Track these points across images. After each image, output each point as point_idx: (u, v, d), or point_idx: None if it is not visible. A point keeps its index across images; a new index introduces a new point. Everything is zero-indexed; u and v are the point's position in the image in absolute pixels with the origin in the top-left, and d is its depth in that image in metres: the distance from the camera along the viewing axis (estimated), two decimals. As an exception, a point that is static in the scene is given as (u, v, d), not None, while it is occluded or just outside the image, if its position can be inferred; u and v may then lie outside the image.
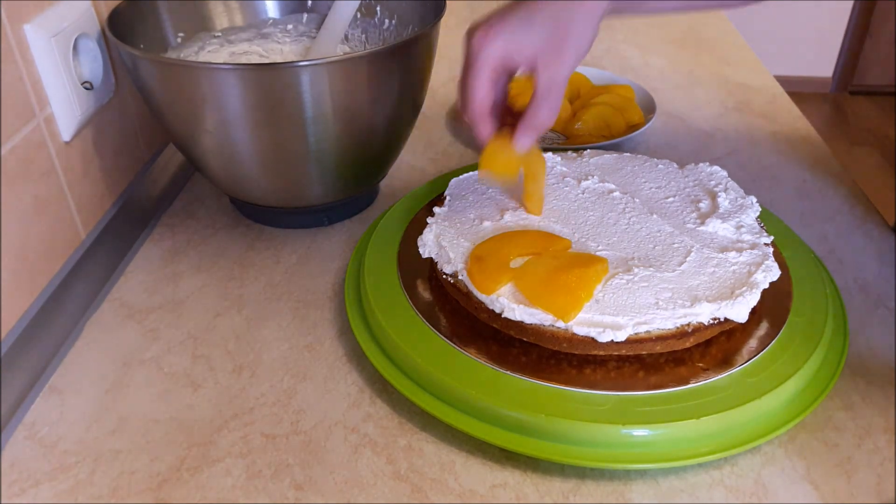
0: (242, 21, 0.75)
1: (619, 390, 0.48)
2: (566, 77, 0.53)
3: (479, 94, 0.52)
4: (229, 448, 0.49)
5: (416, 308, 0.54)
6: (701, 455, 0.46)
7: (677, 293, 0.50)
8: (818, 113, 2.92)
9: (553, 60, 0.51)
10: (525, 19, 0.51)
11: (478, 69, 0.52)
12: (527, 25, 0.51)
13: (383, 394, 0.53)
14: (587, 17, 0.51)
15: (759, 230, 0.56)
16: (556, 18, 0.51)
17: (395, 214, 0.65)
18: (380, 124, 0.63)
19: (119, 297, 0.62)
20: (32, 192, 0.54)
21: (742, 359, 0.50)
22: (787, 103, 0.92)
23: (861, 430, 0.50)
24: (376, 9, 0.75)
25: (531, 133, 0.54)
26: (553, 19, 0.51)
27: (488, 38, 0.51)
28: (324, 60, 0.56)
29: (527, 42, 0.51)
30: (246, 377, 0.54)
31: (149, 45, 0.67)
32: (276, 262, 0.66)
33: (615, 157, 0.66)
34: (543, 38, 0.51)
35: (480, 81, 0.52)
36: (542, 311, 0.49)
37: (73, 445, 0.49)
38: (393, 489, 0.46)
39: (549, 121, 0.53)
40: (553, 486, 0.46)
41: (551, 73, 0.52)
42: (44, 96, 0.56)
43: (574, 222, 0.57)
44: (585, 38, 0.52)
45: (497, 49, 0.51)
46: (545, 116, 0.53)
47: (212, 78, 0.56)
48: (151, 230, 0.70)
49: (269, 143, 0.60)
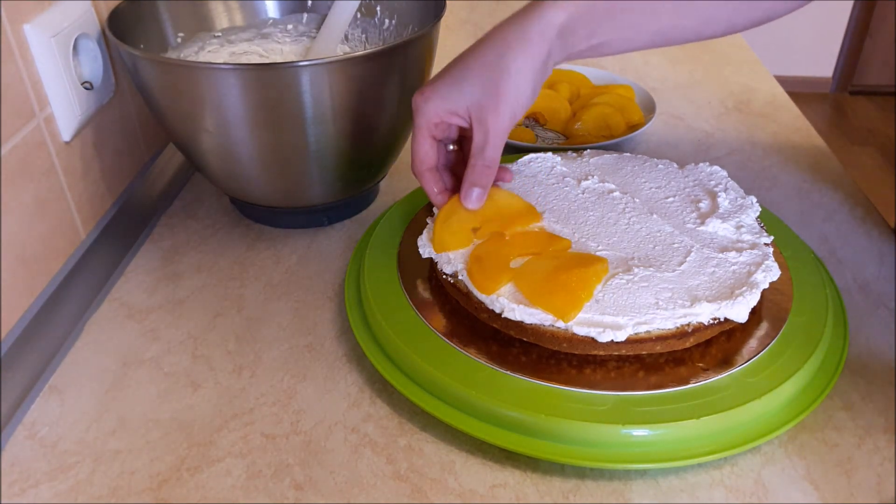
0: (242, 21, 0.75)
1: (619, 390, 0.48)
2: (503, 131, 0.53)
3: (420, 152, 0.55)
4: (229, 448, 0.49)
5: (416, 308, 0.54)
6: (701, 455, 0.46)
7: (677, 293, 0.50)
8: (818, 113, 2.92)
9: (487, 115, 0.52)
10: (458, 79, 0.52)
11: (416, 130, 0.54)
12: (459, 85, 0.52)
13: (383, 394, 0.53)
14: (521, 70, 0.51)
15: (759, 230, 0.56)
16: (487, 76, 0.51)
17: (395, 214, 0.65)
18: (380, 124, 0.64)
19: (119, 297, 0.62)
20: (32, 192, 0.54)
21: (742, 359, 0.50)
22: (787, 103, 0.92)
23: (861, 430, 0.50)
24: (376, 9, 0.75)
25: (473, 188, 0.55)
26: (484, 77, 0.52)
27: (424, 100, 0.53)
28: (324, 60, 0.56)
29: (460, 101, 0.52)
30: (246, 377, 0.54)
31: (149, 45, 0.67)
32: (276, 262, 0.66)
33: (615, 157, 0.66)
34: (476, 96, 0.52)
35: (420, 141, 0.55)
36: (542, 311, 0.49)
37: (73, 445, 0.49)
38: (393, 489, 0.46)
39: (488, 175, 0.54)
40: (553, 486, 0.46)
41: (486, 127, 0.52)
42: (44, 96, 0.56)
43: (574, 222, 0.57)
44: (522, 91, 0.52)
45: (432, 110, 0.53)
46: (482, 171, 0.54)
47: (212, 78, 0.56)
48: (151, 230, 0.70)
49: (269, 143, 0.60)
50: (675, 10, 0.53)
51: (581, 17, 0.52)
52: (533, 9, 0.52)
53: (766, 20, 0.56)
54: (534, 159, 0.65)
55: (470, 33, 1.14)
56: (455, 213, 0.56)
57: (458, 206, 0.56)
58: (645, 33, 0.54)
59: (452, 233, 0.55)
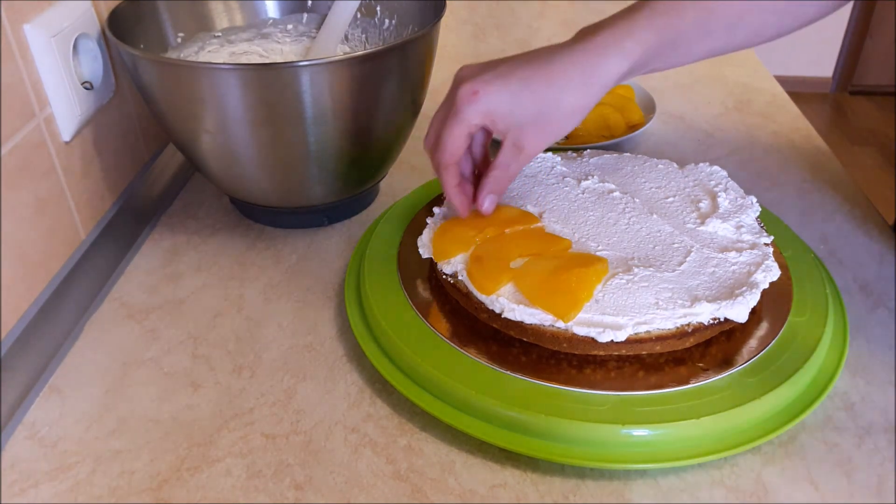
0: (242, 21, 0.75)
1: (619, 390, 0.48)
2: (533, 156, 0.54)
3: (454, 145, 0.53)
4: (229, 448, 0.49)
5: (416, 308, 0.54)
6: (701, 455, 0.46)
7: (677, 293, 0.50)
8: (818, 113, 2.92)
9: (525, 140, 0.52)
10: (516, 92, 0.51)
11: (457, 123, 0.52)
12: (516, 99, 0.51)
13: (383, 394, 0.53)
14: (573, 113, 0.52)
15: (759, 230, 0.56)
16: (541, 106, 0.51)
17: (395, 214, 0.65)
18: (380, 124, 0.64)
19: (119, 297, 0.62)
20: (32, 192, 0.54)
21: (742, 359, 0.50)
22: (787, 103, 0.92)
23: (861, 430, 0.50)
24: (376, 9, 0.75)
25: (490, 195, 0.55)
26: (538, 106, 0.51)
27: (474, 97, 0.51)
28: (324, 60, 0.56)
29: (510, 116, 0.51)
30: (246, 377, 0.54)
31: (149, 45, 0.67)
32: (276, 262, 0.66)
33: (615, 157, 0.66)
34: (523, 119, 0.51)
35: (457, 134, 0.52)
36: (542, 311, 0.49)
37: (73, 445, 0.49)
38: (393, 489, 0.46)
39: (506, 185, 0.55)
40: (553, 486, 0.46)
41: (520, 149, 0.53)
42: (44, 96, 0.56)
43: (574, 222, 0.57)
44: (565, 129, 0.52)
45: (480, 112, 0.51)
46: (502, 181, 0.54)
47: (212, 78, 0.56)
48: (151, 230, 0.70)
49: (269, 143, 0.60)
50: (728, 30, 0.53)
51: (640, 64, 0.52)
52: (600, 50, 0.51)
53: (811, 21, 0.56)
54: (534, 159, 0.65)
55: (470, 33, 1.14)
56: (453, 227, 0.56)
57: (456, 221, 0.56)
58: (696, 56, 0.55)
59: (451, 241, 0.55)
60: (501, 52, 1.04)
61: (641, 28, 0.51)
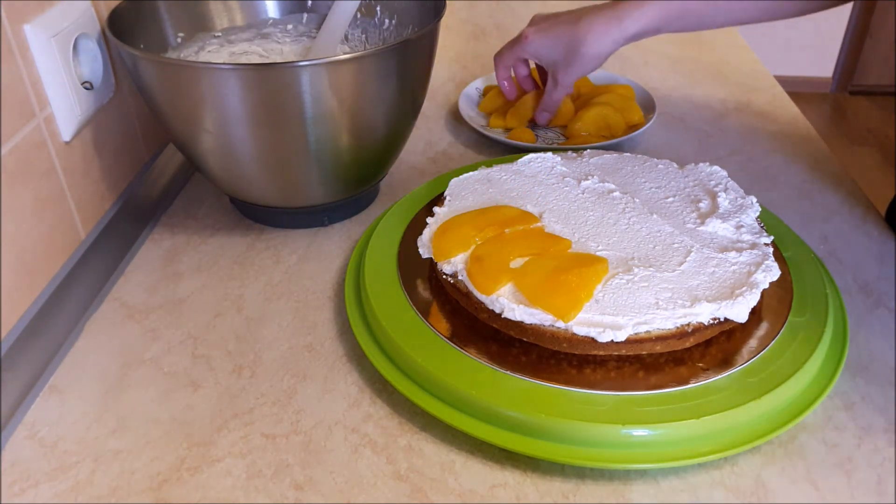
0: (242, 21, 0.75)
1: (619, 390, 0.48)
2: (569, 85, 0.78)
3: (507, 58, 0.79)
4: (229, 448, 0.49)
5: (416, 308, 0.54)
6: (701, 455, 0.46)
7: (677, 293, 0.50)
8: (818, 113, 2.92)
9: (559, 72, 0.76)
10: (552, 38, 0.74)
11: (513, 48, 0.78)
12: (552, 42, 0.74)
13: (383, 394, 0.53)
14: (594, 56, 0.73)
15: (759, 230, 0.56)
16: (569, 48, 0.73)
17: (395, 214, 0.65)
18: (380, 124, 0.64)
19: (119, 297, 0.62)
20: (32, 192, 0.54)
21: (742, 359, 0.50)
22: (787, 103, 0.92)
23: (861, 430, 0.50)
24: (376, 9, 0.75)
25: (544, 112, 0.81)
26: (567, 47, 0.73)
27: (527, 41, 0.76)
28: (324, 60, 0.56)
29: (547, 54, 0.76)
30: (246, 377, 0.54)
31: (149, 45, 0.67)
32: (276, 262, 0.66)
33: (615, 157, 0.66)
34: (556, 57, 0.75)
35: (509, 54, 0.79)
36: (542, 311, 0.49)
37: (73, 445, 0.49)
38: (393, 489, 0.46)
39: (555, 105, 0.80)
40: (553, 486, 0.46)
41: (556, 80, 0.77)
42: (44, 96, 0.56)
43: (574, 222, 0.57)
44: (589, 66, 0.74)
45: (527, 51, 0.77)
46: (552, 102, 0.80)
47: (212, 78, 0.56)
48: (151, 230, 0.70)
49: (269, 143, 0.60)
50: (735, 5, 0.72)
51: (652, 27, 0.71)
52: (622, 11, 0.71)
53: None
54: (534, 159, 0.65)
55: (470, 33, 1.14)
56: (452, 227, 0.56)
57: (456, 221, 0.57)
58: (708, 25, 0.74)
59: (451, 241, 0.55)
60: (501, 52, 1.05)
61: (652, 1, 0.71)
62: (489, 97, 0.87)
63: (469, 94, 0.89)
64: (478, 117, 0.86)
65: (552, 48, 0.74)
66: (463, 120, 0.85)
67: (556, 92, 0.77)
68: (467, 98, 0.89)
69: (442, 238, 0.56)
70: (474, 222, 0.56)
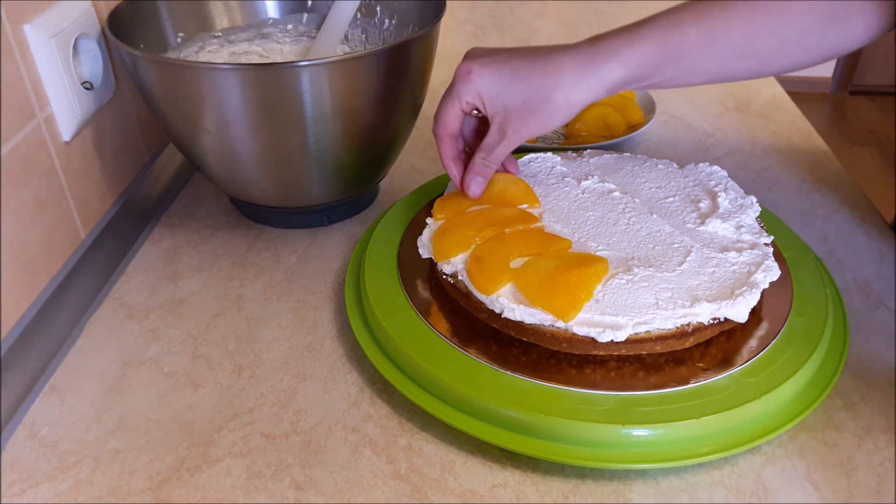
0: (242, 21, 0.75)
1: (619, 390, 0.48)
2: (517, 143, 0.55)
3: (446, 118, 0.56)
4: (229, 448, 0.49)
5: (416, 308, 0.54)
6: (701, 455, 0.46)
7: (677, 293, 0.50)
8: (818, 113, 2.92)
9: (510, 126, 0.54)
10: (505, 77, 0.53)
11: (449, 97, 0.56)
12: (503, 84, 0.53)
13: (383, 394, 0.53)
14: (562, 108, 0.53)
15: (759, 230, 0.56)
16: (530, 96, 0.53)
17: (395, 214, 0.65)
18: (380, 124, 0.63)
19: (119, 297, 0.62)
20: (32, 192, 0.54)
21: (742, 359, 0.50)
22: (787, 103, 0.92)
23: (861, 430, 0.50)
24: (376, 9, 0.75)
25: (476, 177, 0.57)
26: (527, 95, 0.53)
27: (467, 76, 0.54)
28: (324, 60, 0.56)
29: (500, 97, 0.54)
30: (246, 377, 0.54)
31: (149, 45, 0.67)
32: (276, 262, 0.66)
33: (615, 157, 0.66)
34: (510, 105, 0.54)
35: (448, 108, 0.56)
36: (542, 311, 0.49)
37: (73, 445, 0.49)
38: (393, 489, 0.46)
39: (491, 170, 0.57)
40: (553, 486, 0.46)
41: (504, 134, 0.55)
42: (44, 96, 0.56)
43: (574, 222, 0.57)
44: (551, 124, 0.54)
45: (471, 90, 0.54)
46: (486, 165, 0.57)
47: (212, 78, 0.56)
48: (151, 230, 0.70)
49: (269, 143, 0.60)
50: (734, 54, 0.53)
51: (636, 75, 0.53)
52: (598, 54, 0.52)
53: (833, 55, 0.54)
54: (534, 159, 0.65)
55: (470, 33, 1.14)
56: (452, 227, 0.56)
57: (456, 221, 0.57)
58: (700, 76, 0.54)
59: (451, 241, 0.55)
60: (501, 52, 1.05)
61: (642, 39, 0.52)
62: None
63: (469, 94, 0.89)
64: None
65: (506, 88, 0.53)
66: None
67: (499, 147, 0.55)
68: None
69: (442, 238, 0.56)
70: (474, 222, 0.56)
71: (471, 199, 0.58)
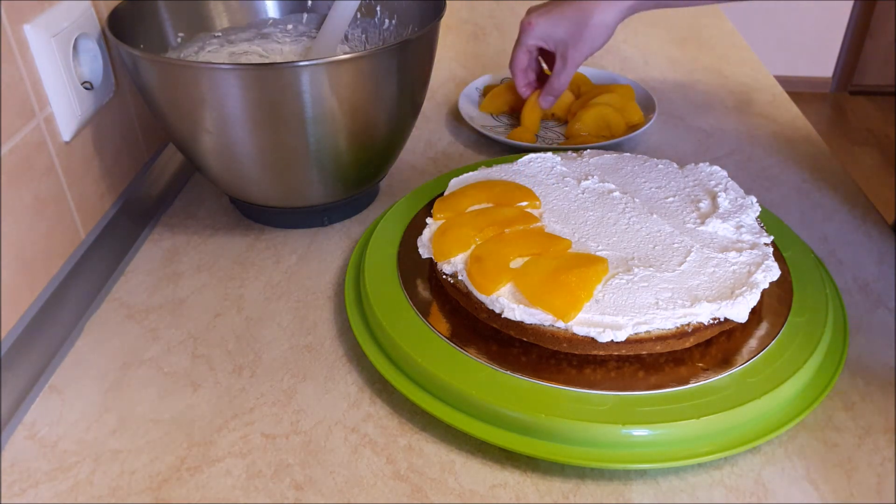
0: (242, 21, 0.75)
1: (619, 390, 0.48)
2: (577, 64, 0.77)
3: (517, 59, 0.80)
4: (229, 448, 0.49)
5: (416, 308, 0.54)
6: (701, 455, 0.46)
7: (677, 293, 0.50)
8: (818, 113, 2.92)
9: (567, 51, 0.76)
10: (554, 18, 0.75)
11: (518, 45, 0.79)
12: (556, 21, 0.75)
13: (383, 394, 0.53)
14: (600, 24, 0.74)
15: (759, 230, 0.56)
16: (574, 23, 0.74)
17: (395, 214, 0.65)
18: (380, 124, 0.64)
19: (119, 297, 0.62)
20: (32, 192, 0.54)
21: (742, 359, 0.50)
22: (787, 103, 0.92)
23: (861, 430, 0.50)
24: (376, 9, 0.75)
25: (548, 96, 0.80)
26: (572, 23, 0.74)
27: (529, 26, 0.77)
28: (324, 60, 0.56)
29: (554, 34, 0.76)
30: (246, 377, 0.54)
31: (149, 45, 0.67)
32: (276, 262, 0.66)
33: (615, 157, 0.66)
34: (562, 35, 0.75)
35: (518, 52, 0.79)
36: (542, 311, 0.49)
37: (73, 445, 0.49)
38: (393, 489, 0.46)
39: (562, 88, 0.79)
40: (553, 486, 0.46)
41: (565, 60, 0.77)
42: (44, 96, 0.56)
43: (574, 222, 0.57)
44: (597, 39, 0.75)
45: (532, 35, 0.77)
46: (559, 84, 0.79)
47: (212, 78, 0.56)
48: (151, 230, 0.70)
49: (269, 143, 0.60)
50: None
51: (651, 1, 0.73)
52: None
53: None
54: (534, 159, 0.65)
55: (470, 33, 1.14)
56: (453, 227, 0.56)
57: (455, 222, 0.57)
58: None
59: (451, 241, 0.55)
60: (501, 52, 1.05)
61: None
62: (489, 97, 0.87)
63: (469, 94, 0.89)
64: (478, 117, 0.86)
65: (558, 27, 0.74)
66: (463, 120, 0.85)
67: (564, 73, 0.77)
68: (467, 98, 0.89)
69: (442, 238, 0.56)
70: (474, 222, 0.56)
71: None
